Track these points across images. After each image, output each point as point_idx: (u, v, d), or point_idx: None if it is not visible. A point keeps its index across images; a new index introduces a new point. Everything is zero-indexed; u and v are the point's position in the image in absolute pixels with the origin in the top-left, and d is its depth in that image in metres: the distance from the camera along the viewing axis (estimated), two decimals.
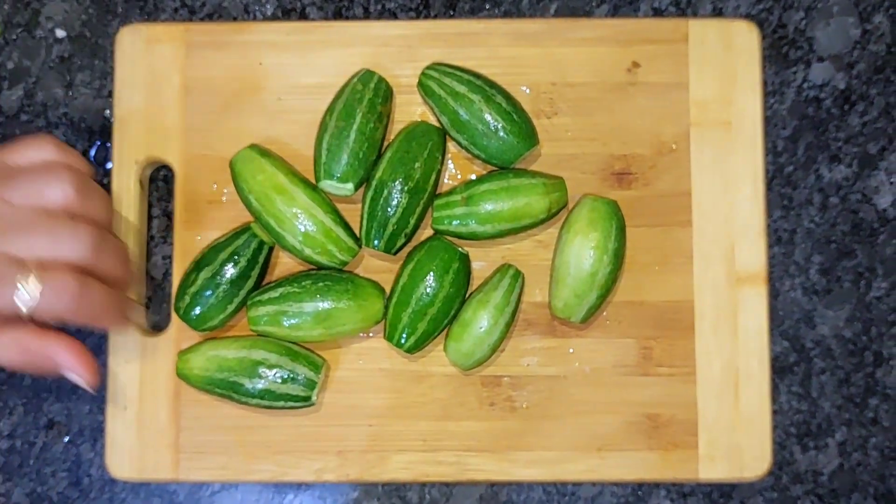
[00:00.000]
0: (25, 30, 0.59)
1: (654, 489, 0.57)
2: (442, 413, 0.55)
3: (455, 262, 0.53)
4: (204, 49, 0.57)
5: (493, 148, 0.53)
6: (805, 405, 0.57)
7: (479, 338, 0.52)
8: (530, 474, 0.55)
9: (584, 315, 0.53)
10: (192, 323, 0.53)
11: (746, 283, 0.55)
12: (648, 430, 0.55)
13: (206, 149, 0.57)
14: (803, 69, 0.59)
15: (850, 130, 0.58)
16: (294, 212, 0.52)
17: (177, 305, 0.53)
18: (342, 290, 0.52)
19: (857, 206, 0.58)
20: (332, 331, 0.52)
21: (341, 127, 0.53)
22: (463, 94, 0.53)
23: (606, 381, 0.55)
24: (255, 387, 0.52)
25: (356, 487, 0.57)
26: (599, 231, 0.52)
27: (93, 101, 0.59)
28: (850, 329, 0.58)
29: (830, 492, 0.57)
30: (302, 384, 0.52)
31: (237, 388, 0.52)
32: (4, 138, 0.59)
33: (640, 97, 0.56)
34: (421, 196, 0.53)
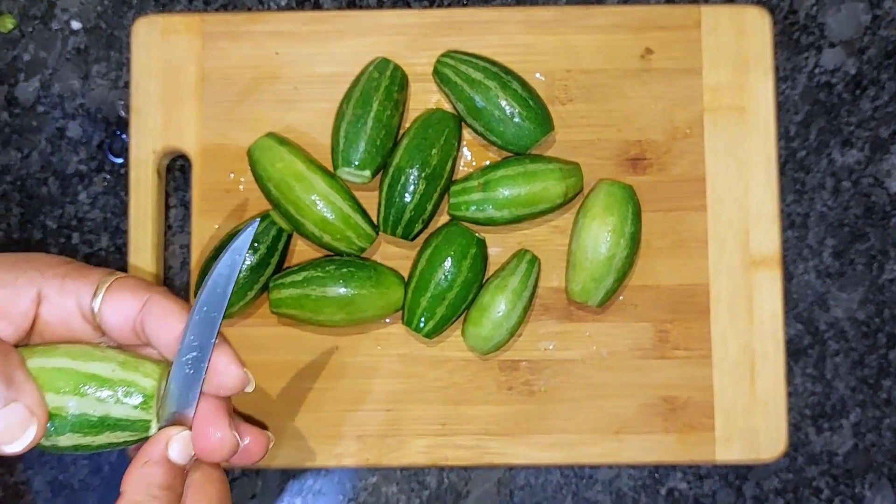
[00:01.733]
0: (41, 22, 0.60)
1: (671, 471, 0.58)
2: (460, 397, 0.56)
3: (473, 248, 0.53)
4: (220, 39, 0.57)
5: (509, 134, 0.53)
6: (819, 387, 0.58)
7: (497, 322, 0.53)
8: (548, 457, 0.55)
9: (601, 299, 0.54)
10: None
11: (761, 267, 0.56)
12: (665, 412, 0.55)
13: (222, 138, 0.57)
14: (815, 55, 0.59)
15: (861, 115, 0.59)
16: (313, 199, 0.53)
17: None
18: (365, 277, 0.53)
19: (870, 189, 0.59)
20: (353, 316, 0.53)
21: (358, 115, 0.53)
22: (479, 80, 0.53)
23: (623, 365, 0.56)
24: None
25: (375, 472, 0.58)
26: (616, 215, 0.53)
27: (109, 93, 0.60)
28: (864, 311, 0.58)
29: (845, 472, 0.57)
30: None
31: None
32: (21, 130, 0.59)
33: (654, 83, 0.57)
34: (438, 182, 0.54)
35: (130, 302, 0.37)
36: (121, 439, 0.37)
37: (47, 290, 0.37)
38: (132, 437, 0.37)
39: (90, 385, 0.36)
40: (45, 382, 0.35)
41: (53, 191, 0.59)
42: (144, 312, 0.37)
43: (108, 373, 0.36)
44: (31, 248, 0.59)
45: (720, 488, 0.57)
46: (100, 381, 0.36)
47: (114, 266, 0.59)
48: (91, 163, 0.59)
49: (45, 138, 0.59)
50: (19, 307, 0.37)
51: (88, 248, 0.59)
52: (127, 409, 0.36)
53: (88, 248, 0.59)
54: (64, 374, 0.36)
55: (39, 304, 0.37)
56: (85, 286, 0.37)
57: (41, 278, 0.37)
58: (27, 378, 0.35)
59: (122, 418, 0.36)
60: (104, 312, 0.37)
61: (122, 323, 0.37)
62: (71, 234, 0.59)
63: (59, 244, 0.59)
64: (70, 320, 0.38)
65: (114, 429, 0.36)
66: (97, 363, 0.36)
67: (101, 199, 0.59)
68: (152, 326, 0.37)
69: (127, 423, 0.36)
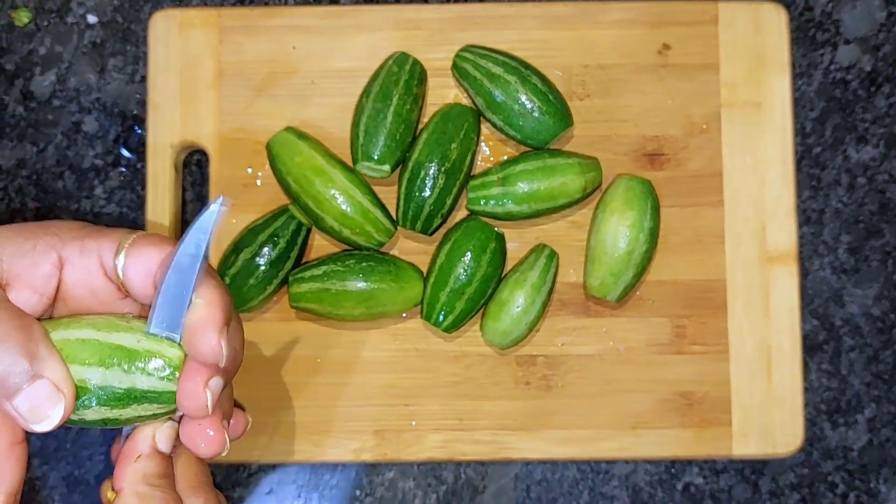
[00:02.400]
0: (57, 15, 0.60)
1: (687, 466, 0.58)
2: (477, 392, 0.56)
3: (492, 242, 0.53)
4: (237, 33, 0.57)
5: (528, 128, 0.54)
6: (835, 382, 0.58)
7: (516, 317, 0.53)
8: (565, 452, 0.55)
9: (619, 294, 0.54)
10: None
11: (777, 262, 0.56)
12: (682, 407, 0.55)
13: (240, 132, 0.57)
14: (830, 51, 0.59)
15: (876, 112, 0.59)
16: (332, 193, 0.53)
17: None
18: (385, 272, 0.53)
19: (885, 186, 0.59)
20: (372, 310, 0.53)
21: (378, 109, 0.53)
22: (499, 75, 0.53)
23: (640, 360, 0.56)
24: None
25: (392, 467, 0.58)
26: (635, 210, 0.53)
27: (125, 87, 0.60)
28: (879, 307, 0.58)
29: (860, 467, 0.58)
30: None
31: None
32: (37, 124, 0.59)
33: (671, 79, 0.57)
34: (457, 177, 0.54)
35: (153, 255, 0.36)
36: (149, 412, 0.36)
37: (67, 252, 0.36)
38: (160, 410, 0.36)
39: (115, 356, 0.35)
40: (69, 355, 0.35)
41: (69, 185, 0.59)
42: (161, 264, 0.36)
43: (134, 343, 0.35)
44: None
45: (736, 483, 0.58)
46: (125, 352, 0.35)
47: None
48: (107, 157, 0.59)
49: (61, 132, 0.59)
50: (41, 273, 0.36)
51: None
52: (153, 381, 0.35)
53: None
54: (88, 346, 0.35)
55: (61, 268, 0.36)
56: (106, 244, 0.36)
57: (60, 242, 0.36)
58: (52, 352, 0.34)
59: (149, 390, 0.35)
60: (128, 268, 0.36)
61: (145, 278, 0.36)
62: None
63: None
64: (93, 282, 0.37)
65: (140, 401, 0.35)
66: (122, 334, 0.35)
67: (118, 194, 0.59)
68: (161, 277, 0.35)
69: (154, 395, 0.36)
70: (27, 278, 0.35)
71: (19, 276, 0.35)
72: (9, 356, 0.33)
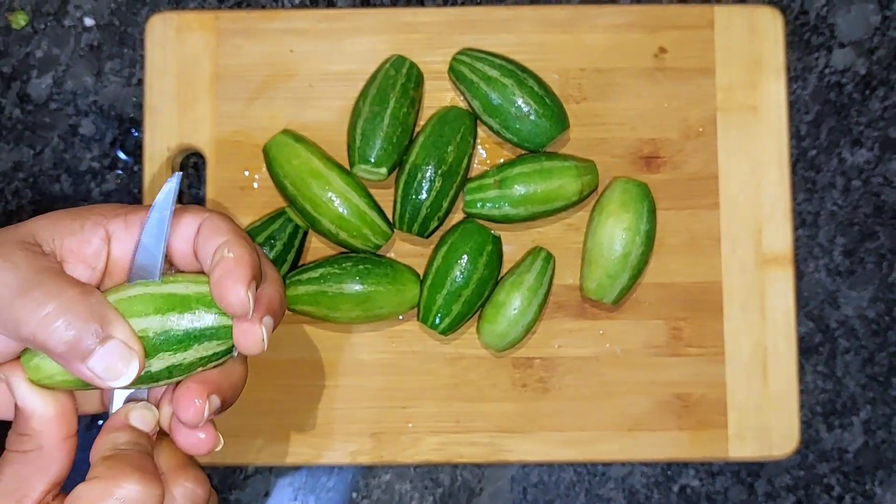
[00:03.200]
0: (54, 18, 0.60)
1: (684, 468, 0.58)
2: (474, 394, 0.56)
3: (488, 245, 0.54)
4: (234, 37, 0.57)
5: (525, 131, 0.54)
6: (830, 384, 0.58)
7: (512, 319, 0.53)
8: (562, 455, 0.56)
9: (616, 296, 0.54)
10: None
11: (773, 265, 0.56)
12: (679, 409, 0.56)
13: (237, 135, 0.57)
14: (825, 55, 0.60)
15: (871, 115, 0.59)
16: (329, 196, 0.53)
17: None
18: (382, 274, 0.53)
19: (879, 188, 0.59)
20: (369, 313, 0.53)
21: (375, 112, 0.53)
22: (495, 78, 0.54)
23: (637, 362, 0.56)
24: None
25: (388, 470, 0.58)
26: (631, 213, 0.53)
27: (122, 90, 0.60)
28: (874, 309, 0.58)
29: (856, 469, 0.58)
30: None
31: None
32: (34, 126, 0.59)
33: (668, 82, 0.57)
34: (454, 180, 0.54)
35: (192, 222, 0.38)
36: (210, 350, 0.37)
37: (113, 227, 0.38)
38: (220, 348, 0.38)
39: (168, 303, 0.37)
40: (125, 311, 0.36)
41: (66, 188, 0.59)
42: (200, 231, 0.38)
43: (183, 290, 0.37)
44: None
45: (732, 485, 0.58)
46: (177, 298, 0.37)
47: None
48: (104, 160, 0.59)
49: (58, 135, 0.59)
50: (92, 248, 0.38)
51: None
52: (209, 318, 0.37)
53: None
54: (141, 300, 0.37)
55: (109, 242, 0.38)
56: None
57: (105, 219, 0.39)
58: (116, 314, 0.36)
59: (206, 328, 0.37)
60: (171, 236, 0.39)
61: (185, 245, 0.39)
62: None
63: None
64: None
65: (200, 340, 0.37)
66: (170, 284, 0.37)
67: (115, 197, 0.59)
68: (201, 241, 0.38)
69: (212, 332, 0.37)
70: (80, 254, 0.38)
71: (73, 252, 0.38)
72: (78, 321, 0.35)
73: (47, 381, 0.37)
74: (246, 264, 0.37)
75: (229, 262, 0.36)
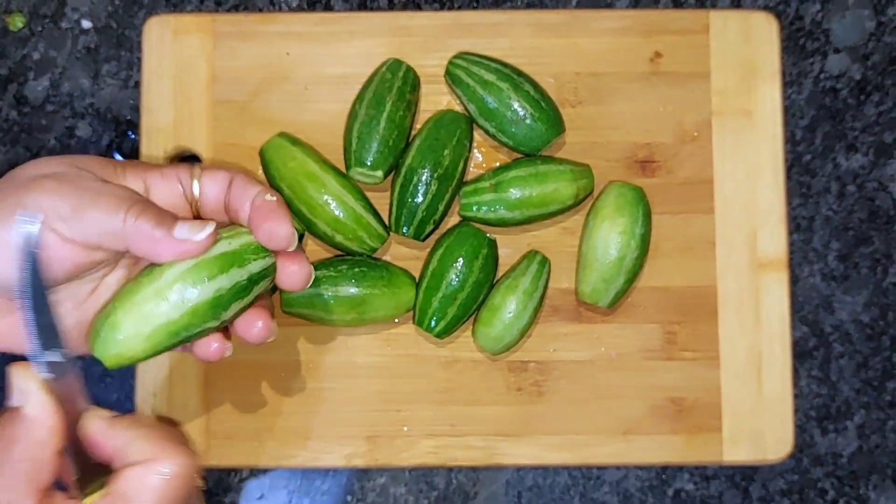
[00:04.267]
0: (51, 21, 0.60)
1: (678, 472, 0.58)
2: (469, 398, 0.56)
3: (484, 248, 0.54)
4: (231, 39, 0.57)
5: (521, 135, 0.54)
6: (824, 389, 0.58)
7: (508, 322, 0.53)
8: (557, 458, 0.56)
9: (611, 300, 0.54)
10: None
11: (768, 269, 0.56)
12: (673, 413, 0.56)
13: (233, 138, 0.57)
14: (820, 60, 0.60)
15: (865, 120, 0.60)
16: (325, 198, 0.53)
17: None
18: (377, 277, 0.53)
19: (874, 193, 0.59)
20: (364, 316, 0.53)
21: (371, 115, 0.53)
22: (491, 82, 0.54)
23: (632, 366, 0.56)
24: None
25: (383, 473, 0.58)
26: (627, 216, 0.53)
27: (119, 92, 0.60)
28: (868, 314, 0.59)
29: (850, 474, 0.58)
30: None
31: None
32: (30, 129, 0.59)
33: (663, 86, 0.57)
34: (450, 183, 0.54)
35: (223, 175, 0.43)
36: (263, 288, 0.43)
37: (151, 179, 0.42)
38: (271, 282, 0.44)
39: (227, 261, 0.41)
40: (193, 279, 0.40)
41: None
42: (231, 186, 0.42)
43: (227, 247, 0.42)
44: None
45: (727, 489, 0.58)
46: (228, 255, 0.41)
47: None
48: None
49: (55, 137, 0.59)
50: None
51: None
52: (259, 263, 0.42)
53: None
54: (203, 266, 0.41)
55: (147, 192, 0.42)
56: (183, 171, 0.43)
57: (143, 171, 0.42)
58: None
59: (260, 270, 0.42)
60: (204, 186, 0.43)
61: (218, 195, 0.43)
62: None
63: None
64: (175, 202, 0.42)
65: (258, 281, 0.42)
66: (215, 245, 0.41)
67: None
68: (235, 194, 0.42)
69: (265, 272, 0.43)
70: None
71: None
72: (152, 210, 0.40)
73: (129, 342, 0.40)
74: (283, 205, 0.42)
75: (272, 205, 0.41)
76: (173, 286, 0.40)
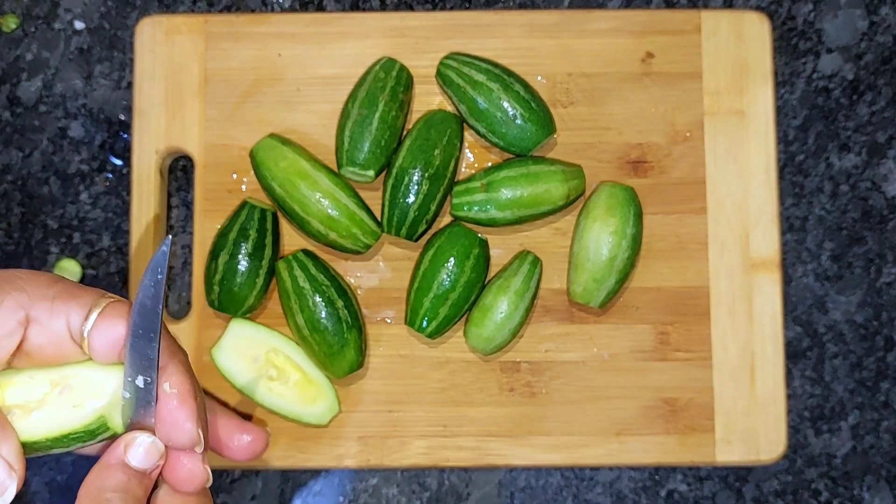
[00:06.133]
0: (44, 21, 0.60)
1: (671, 473, 0.58)
2: (462, 398, 0.56)
3: (475, 248, 0.54)
4: (223, 40, 0.57)
5: (511, 136, 0.54)
6: (818, 389, 0.58)
7: (499, 323, 0.53)
8: (549, 459, 0.55)
9: (602, 300, 0.54)
10: (231, 309, 0.53)
11: (760, 269, 0.56)
12: (666, 414, 0.56)
13: (225, 139, 0.57)
14: (812, 60, 0.60)
15: (858, 120, 0.60)
16: (318, 197, 0.53)
17: (209, 300, 0.54)
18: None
19: (867, 193, 0.59)
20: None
21: (364, 115, 0.53)
22: (481, 82, 0.54)
23: (624, 367, 0.56)
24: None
25: (375, 474, 0.58)
26: (618, 217, 0.53)
27: (112, 93, 0.60)
28: (862, 314, 0.58)
29: (844, 474, 0.58)
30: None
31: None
32: (23, 129, 0.59)
33: (655, 87, 0.57)
34: (441, 182, 0.54)
35: (121, 326, 0.35)
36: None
37: (36, 312, 0.35)
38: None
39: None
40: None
41: (55, 190, 0.59)
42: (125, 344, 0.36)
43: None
44: (32, 248, 0.59)
45: (720, 490, 0.58)
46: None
47: (114, 266, 0.59)
48: (93, 163, 0.59)
49: (47, 138, 0.59)
50: (4, 330, 0.35)
51: (90, 247, 0.59)
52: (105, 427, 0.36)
53: (90, 248, 0.59)
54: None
55: (27, 326, 0.35)
56: (76, 308, 0.36)
57: (29, 301, 0.35)
58: (5, 427, 0.34)
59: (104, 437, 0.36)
60: (94, 336, 0.35)
61: (110, 347, 0.36)
62: (72, 233, 0.59)
63: (59, 244, 0.59)
64: (60, 343, 0.36)
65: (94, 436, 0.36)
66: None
67: (103, 199, 0.59)
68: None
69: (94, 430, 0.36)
70: None
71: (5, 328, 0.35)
72: None
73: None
74: (190, 395, 0.35)
75: (173, 400, 0.35)
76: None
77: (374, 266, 0.56)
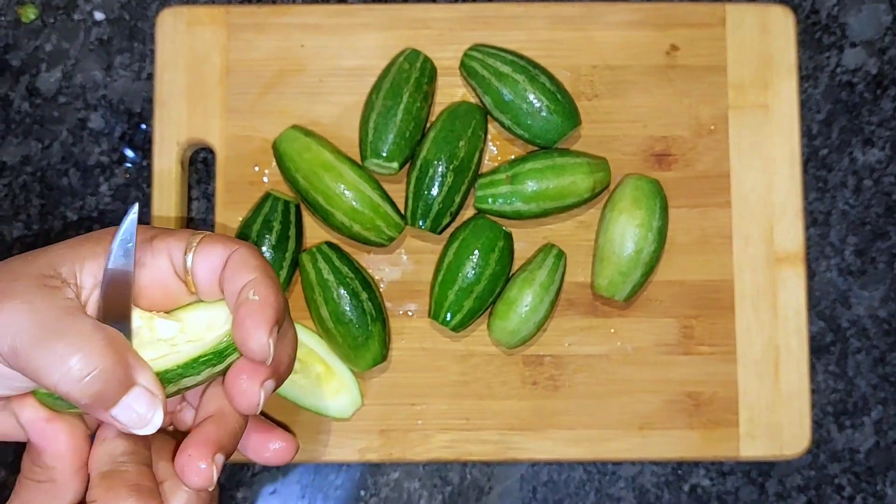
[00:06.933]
0: (64, 12, 0.59)
1: (694, 468, 0.57)
2: (484, 392, 0.55)
3: (500, 241, 0.53)
4: (245, 31, 0.57)
5: (536, 127, 0.54)
6: (841, 384, 0.58)
7: (524, 316, 0.53)
8: (572, 453, 0.55)
9: (628, 293, 0.54)
10: None
11: (785, 263, 0.56)
12: (689, 408, 0.55)
13: (247, 130, 0.57)
14: (836, 54, 0.60)
15: (882, 114, 0.59)
16: (342, 188, 0.52)
17: None
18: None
19: (891, 188, 0.59)
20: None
21: (388, 106, 0.53)
22: (507, 74, 0.53)
23: (648, 360, 0.56)
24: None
25: (397, 468, 0.57)
26: (644, 209, 0.53)
27: (132, 84, 0.59)
28: (885, 309, 0.58)
29: (867, 470, 0.58)
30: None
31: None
32: (43, 120, 0.59)
33: (679, 80, 0.57)
34: (465, 175, 0.53)
35: (220, 252, 0.36)
36: (220, 369, 0.37)
37: (139, 254, 0.36)
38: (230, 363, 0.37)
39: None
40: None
41: (74, 182, 0.59)
42: (227, 266, 0.36)
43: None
44: (52, 240, 0.58)
45: (743, 485, 0.57)
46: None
47: None
48: (113, 154, 0.59)
49: (67, 129, 0.59)
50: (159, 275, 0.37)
51: None
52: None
53: None
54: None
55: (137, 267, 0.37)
56: (175, 243, 0.37)
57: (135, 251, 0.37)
58: (139, 359, 0.35)
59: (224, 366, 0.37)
60: (196, 265, 0.36)
61: (212, 275, 0.36)
62: (92, 225, 0.58)
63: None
64: (165, 280, 0.37)
65: (214, 365, 0.36)
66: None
67: (123, 191, 0.59)
68: (228, 276, 0.36)
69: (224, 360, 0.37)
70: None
71: (95, 276, 0.36)
72: (103, 374, 0.33)
73: (61, 409, 0.36)
74: (271, 307, 0.35)
75: (254, 305, 0.35)
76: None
77: (397, 259, 0.56)
